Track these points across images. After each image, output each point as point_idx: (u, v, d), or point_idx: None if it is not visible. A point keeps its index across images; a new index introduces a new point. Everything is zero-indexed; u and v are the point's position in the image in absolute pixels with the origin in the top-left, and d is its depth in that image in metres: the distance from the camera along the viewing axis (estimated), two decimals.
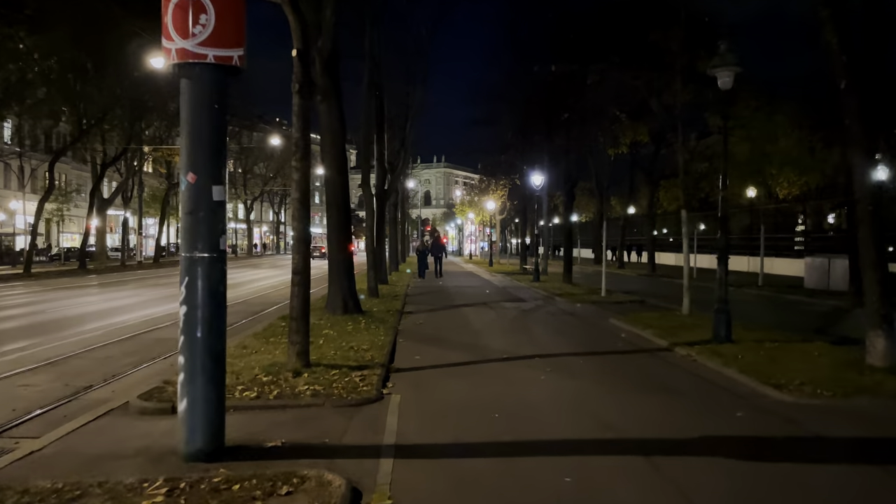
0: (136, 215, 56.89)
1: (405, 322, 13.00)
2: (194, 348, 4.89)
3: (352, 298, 13.29)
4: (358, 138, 24.99)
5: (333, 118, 12.99)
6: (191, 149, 4.79)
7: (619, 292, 19.95)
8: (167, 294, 20.38)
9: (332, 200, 13.26)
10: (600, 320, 13.45)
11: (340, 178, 13.14)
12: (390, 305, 15.66)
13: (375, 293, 18.00)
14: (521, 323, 13.22)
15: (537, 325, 12.82)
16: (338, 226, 13.24)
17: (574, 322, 13.37)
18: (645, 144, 35.68)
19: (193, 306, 4.86)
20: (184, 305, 4.89)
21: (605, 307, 16.15)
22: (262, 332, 11.12)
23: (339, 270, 13.20)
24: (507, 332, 11.84)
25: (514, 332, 11.74)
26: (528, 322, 13.35)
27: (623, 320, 12.72)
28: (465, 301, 17.60)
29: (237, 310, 15.68)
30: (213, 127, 4.83)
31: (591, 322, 13.25)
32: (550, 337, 11.23)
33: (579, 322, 13.37)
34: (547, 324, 13.06)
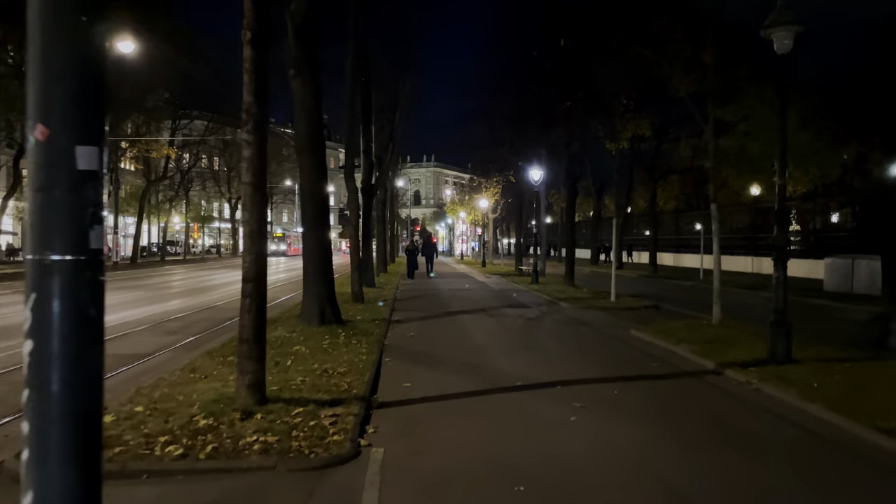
0: (121, 215, 54.88)
1: (393, 334, 11.14)
2: (46, 410, 2.97)
3: (330, 306, 11.41)
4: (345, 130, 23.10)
5: (308, 94, 11.11)
6: (40, 83, 2.86)
7: (626, 296, 18.17)
8: (130, 299, 18.42)
9: (306, 188, 11.37)
10: (619, 331, 11.62)
11: (316, 162, 11.25)
12: (377, 313, 13.79)
13: (360, 298, 16.13)
14: (528, 335, 11.39)
15: (549, 338, 10.98)
16: (313, 218, 11.36)
17: (590, 334, 11.54)
18: (645, 140, 34.01)
19: (44, 340, 2.95)
20: (29, 340, 2.98)
21: (618, 314, 14.36)
22: (221, 349, 9.25)
23: (315, 272, 11.31)
24: (516, 347, 9.99)
25: (523, 348, 9.89)
26: (536, 333, 11.52)
27: (647, 332, 10.91)
28: (460, 307, 15.75)
29: (202, 317, 13.76)
30: (78, 50, 2.92)
31: (610, 334, 11.42)
32: (568, 354, 9.40)
33: (596, 334, 11.54)
34: (559, 336, 11.23)
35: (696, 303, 17.51)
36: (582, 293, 19.18)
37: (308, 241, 11.36)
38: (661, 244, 44.58)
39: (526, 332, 11.73)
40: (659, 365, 8.42)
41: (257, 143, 5.93)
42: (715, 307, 11.86)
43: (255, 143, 5.92)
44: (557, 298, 17.47)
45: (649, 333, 10.74)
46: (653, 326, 11.49)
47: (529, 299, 17.97)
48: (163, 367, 8.56)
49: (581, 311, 14.98)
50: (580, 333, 11.46)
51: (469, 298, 18.31)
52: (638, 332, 11.06)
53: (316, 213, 11.35)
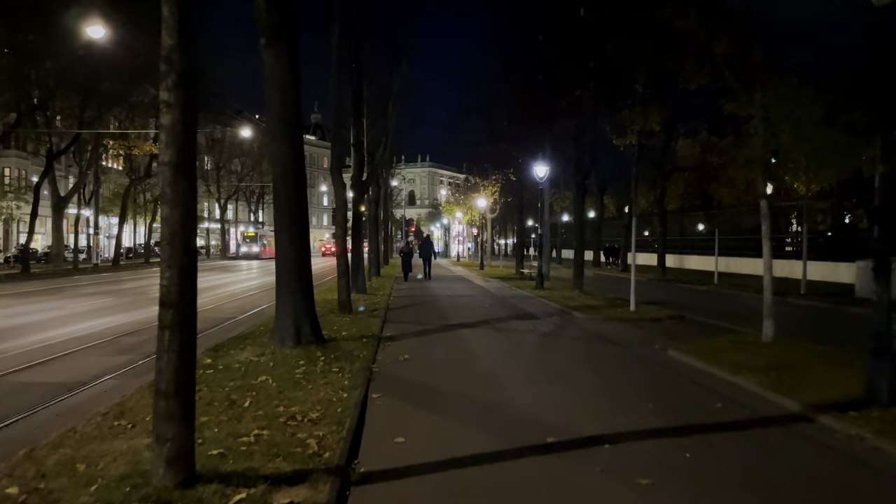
0: (104, 214, 52.81)
1: (384, 356, 9.26)
2: None
3: (309, 322, 9.51)
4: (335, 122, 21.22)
5: (282, 69, 9.23)
6: None
7: (643, 303, 16.30)
8: (96, 307, 16.52)
9: (280, 181, 9.46)
10: (654, 352, 9.75)
11: (291, 152, 9.35)
12: (365, 327, 11.90)
13: (348, 308, 14.25)
14: (547, 357, 9.49)
15: (573, 363, 9.07)
16: (288, 218, 9.46)
17: (620, 356, 9.64)
18: (653, 135, 32.25)
19: None
20: None
21: (643, 327, 12.53)
22: None
23: (290, 282, 9.42)
24: (536, 376, 8.08)
25: (546, 378, 7.99)
26: (556, 355, 9.62)
27: (691, 354, 9.04)
28: (461, 318, 13.88)
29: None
30: None
31: (644, 355, 9.54)
32: (603, 387, 7.50)
33: (627, 355, 9.65)
34: (585, 359, 9.32)
35: (724, 312, 15.72)
36: (594, 300, 17.33)
37: (282, 246, 9.45)
38: (666, 245, 42.83)
39: (543, 352, 9.85)
40: (724, 405, 6.55)
41: (181, 105, 4.05)
42: (766, 322, 10.00)
43: (179, 105, 4.04)
44: (569, 307, 15.61)
45: (694, 356, 8.88)
46: (693, 346, 9.63)
47: (537, 308, 16.10)
48: (96, 402, 6.78)
49: (600, 323, 13.12)
50: (608, 355, 9.58)
51: (470, 307, 16.43)
52: (679, 354, 9.20)
53: (292, 212, 9.45)
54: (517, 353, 9.63)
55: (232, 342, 10.12)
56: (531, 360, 9.11)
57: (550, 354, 9.55)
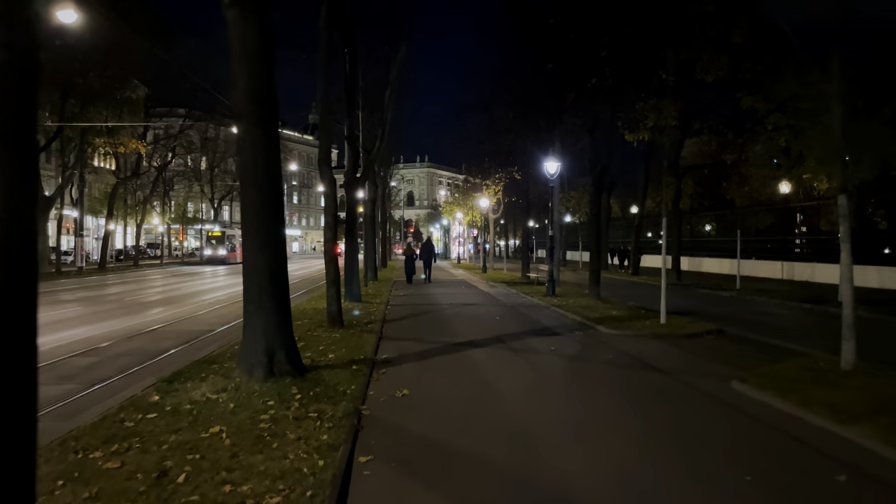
0: (92, 215, 50.90)
1: (378, 390, 7.39)
2: None
3: (283, 346, 7.63)
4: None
5: (251, 34, 7.37)
6: None
7: (671, 313, 14.41)
8: (61, 318, 14.72)
9: (248, 171, 7.58)
10: (712, 383, 7.86)
11: (262, 136, 7.46)
12: (357, 346, 10.05)
13: (338, 321, 12.40)
14: (583, 395, 7.50)
15: (618, 404, 7.04)
16: (259, 215, 7.57)
17: (673, 390, 7.69)
18: (665, 131, 30.40)
19: None
20: None
21: (683, 347, 10.67)
22: (92, 430, 5.57)
23: (260, 294, 7.53)
24: (577, 429, 6.08)
25: (589, 431, 6.01)
26: (594, 392, 7.65)
27: (763, 389, 7.16)
28: (469, 333, 12.01)
29: (131, 348, 10.02)
30: None
31: (702, 390, 7.62)
32: (672, 446, 5.55)
33: (681, 390, 7.70)
34: (631, 397, 7.33)
35: (765, 325, 13.91)
36: (615, 310, 15.48)
37: (250, 251, 7.57)
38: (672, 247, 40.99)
39: (577, 385, 7.93)
40: (848, 478, 4.70)
41: None
42: (846, 345, 8.11)
43: None
44: (590, 319, 13.75)
45: (770, 392, 7.00)
46: (761, 376, 7.77)
47: (554, 320, 14.23)
48: None
49: (631, 340, 11.25)
50: (658, 389, 7.67)
51: (478, 318, 14.56)
52: (748, 389, 7.33)
53: (263, 210, 7.57)
54: (545, 388, 7.73)
55: (193, 369, 8.30)
56: (565, 399, 7.21)
57: (587, 389, 7.65)
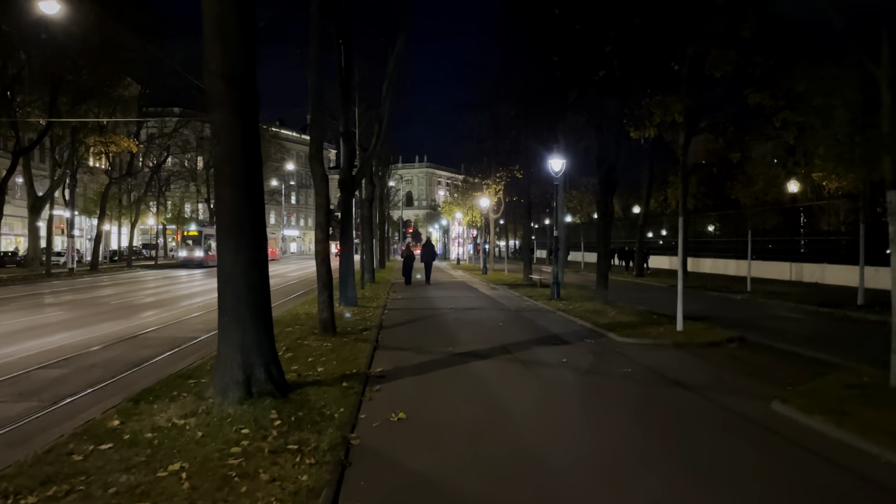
0: (87, 215, 49.95)
1: (370, 412, 6.47)
2: None
3: (263, 362, 6.70)
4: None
5: (227, 8, 6.47)
6: None
7: (686, 319, 13.52)
8: (39, 323, 13.84)
9: (224, 164, 6.66)
10: (749, 403, 6.93)
11: (239, 123, 6.53)
12: (350, 357, 9.15)
13: (331, 328, 11.51)
14: (603, 418, 6.51)
15: (646, 430, 6.05)
16: (235, 215, 6.67)
17: (705, 412, 6.74)
18: (671, 128, 29.52)
19: None
20: None
21: (705, 357, 9.76)
22: (30, 468, 4.67)
23: (237, 303, 6.60)
24: (604, 466, 5.14)
25: (617, 468, 5.12)
26: (615, 414, 6.69)
27: (810, 412, 6.25)
28: (472, 342, 11.10)
29: (108, 357, 9.20)
30: None
31: (738, 411, 6.68)
32: (722, 494, 4.70)
33: (714, 412, 6.75)
34: (659, 422, 6.34)
35: (787, 332, 13.06)
36: (625, 315, 14.59)
37: (226, 255, 6.66)
38: (669, 248, 40.15)
39: (595, 406, 6.98)
40: None
41: None
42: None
43: None
44: (600, 325, 12.85)
45: (820, 416, 6.08)
46: (804, 395, 6.87)
47: (562, 327, 13.32)
48: None
49: (648, 351, 10.34)
50: (688, 411, 6.74)
51: (480, 325, 13.66)
52: (792, 411, 6.41)
53: (241, 209, 6.66)
54: (561, 409, 6.80)
55: (166, 385, 7.41)
56: (585, 424, 6.26)
57: (609, 412, 6.71)
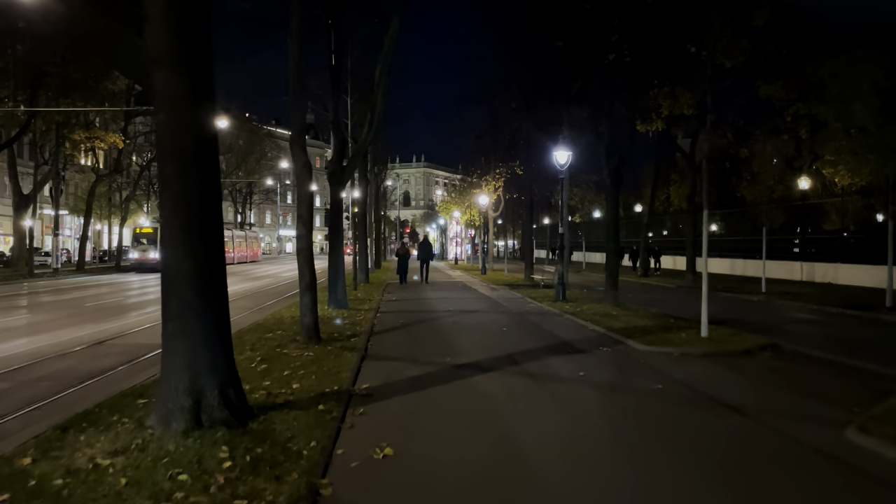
0: (76, 214, 48.59)
1: (349, 445, 5.17)
2: None
3: (217, 380, 5.37)
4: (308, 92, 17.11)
5: None
6: None
7: (713, 324, 12.22)
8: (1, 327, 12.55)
9: (168, 138, 5.37)
10: (816, 431, 5.65)
11: (188, 88, 5.24)
12: (332, 370, 7.86)
13: (314, 335, 10.23)
14: (642, 455, 5.10)
15: (701, 475, 4.67)
16: (183, 200, 5.37)
17: (765, 444, 5.42)
18: (680, 121, 28.34)
19: None
20: None
21: (741, 370, 8.49)
22: None
23: (184, 312, 5.29)
24: None
25: None
26: (654, 447, 5.31)
27: None
28: (473, 350, 9.82)
29: (52, 371, 7.76)
30: None
31: (814, 447, 5.32)
32: None
33: (776, 443, 5.42)
34: (716, 461, 4.90)
35: (821, 338, 11.85)
36: (640, 318, 13.33)
37: (172, 252, 5.35)
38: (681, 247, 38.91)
39: (627, 436, 5.65)
40: None
41: None
42: None
43: None
44: (614, 330, 11.58)
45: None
46: (878, 419, 5.60)
47: (572, 332, 12.03)
48: None
49: (675, 361, 9.04)
50: (745, 443, 5.42)
51: (482, 329, 12.38)
52: (878, 445, 5.13)
53: (190, 193, 5.37)
54: (587, 442, 5.46)
55: (107, 408, 6.15)
56: (619, 463, 4.92)
57: (647, 444, 5.37)
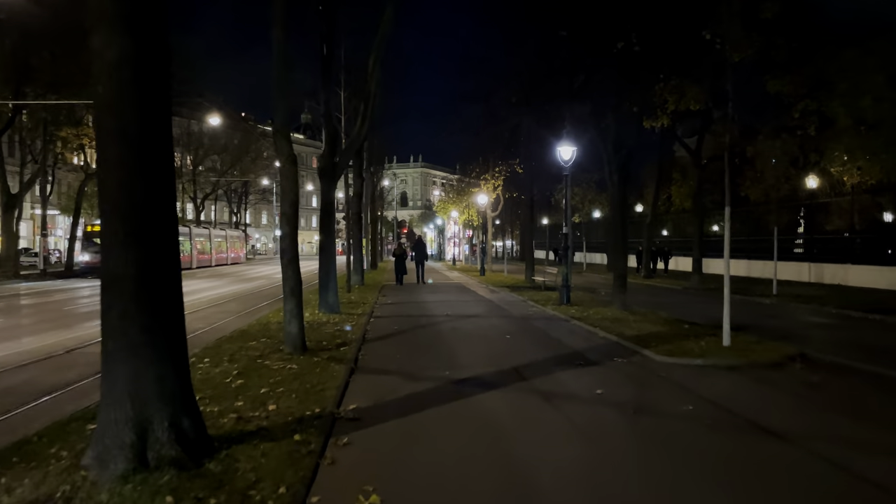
0: (67, 215, 47.47)
1: (327, 492, 4.18)
2: None
3: (168, 409, 4.40)
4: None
5: None
6: None
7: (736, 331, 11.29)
8: None
9: (108, 112, 4.39)
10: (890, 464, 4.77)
11: (133, 49, 4.30)
12: (314, 390, 6.89)
13: (300, 344, 9.30)
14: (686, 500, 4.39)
15: None
16: (125, 186, 4.40)
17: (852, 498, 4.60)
18: (686, 118, 27.46)
19: None
20: None
21: (777, 385, 7.56)
22: None
23: (122, 323, 4.33)
24: None
25: None
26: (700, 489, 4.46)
27: None
28: (475, 362, 8.87)
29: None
30: None
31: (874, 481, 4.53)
32: None
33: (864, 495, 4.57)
34: None
35: (851, 345, 10.94)
36: (652, 324, 12.40)
37: (111, 251, 4.39)
38: (685, 247, 38.02)
39: (662, 473, 4.70)
40: None
41: None
42: None
43: None
44: (626, 338, 10.64)
45: None
46: None
47: (582, 340, 11.08)
48: None
49: (701, 375, 8.09)
50: (812, 489, 4.49)
51: (483, 337, 11.43)
52: None
53: (134, 178, 4.41)
54: (613, 483, 4.51)
55: (48, 436, 5.23)
56: None
57: (690, 486, 4.45)
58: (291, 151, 9.42)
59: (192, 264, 41.39)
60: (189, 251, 41.21)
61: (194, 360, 8.86)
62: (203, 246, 45.49)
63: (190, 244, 41.47)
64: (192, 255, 41.75)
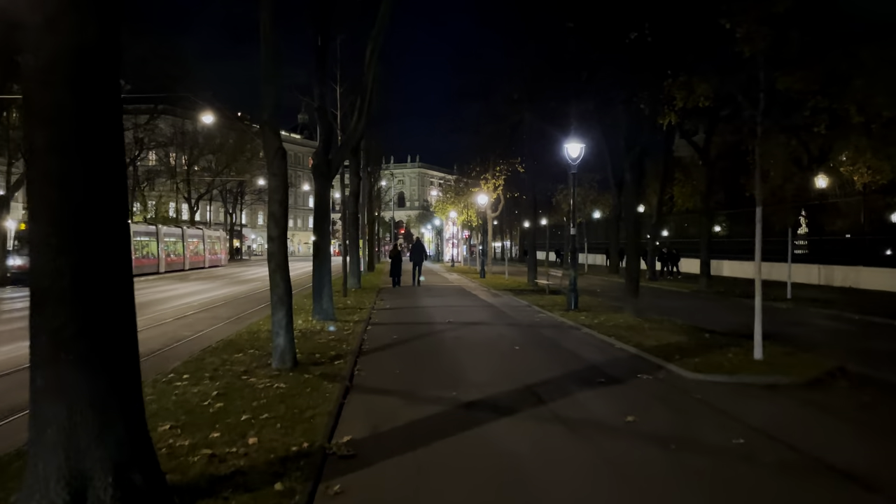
0: None
1: None
2: None
3: (112, 462, 3.49)
4: None
5: None
6: None
7: (744, 336, 10.46)
8: None
9: (41, 94, 3.52)
10: None
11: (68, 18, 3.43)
12: (303, 417, 5.99)
13: (290, 358, 8.40)
14: None
15: None
16: (59, 183, 3.50)
17: None
18: (694, 115, 26.66)
19: None
20: None
21: (829, 410, 6.69)
22: None
23: (54, 347, 3.39)
24: None
25: None
26: None
27: None
28: (484, 380, 7.97)
29: None
30: None
31: None
32: None
33: None
34: None
35: (887, 356, 10.07)
36: (669, 333, 11.53)
37: (42, 258, 3.49)
38: (688, 249, 37.20)
39: None
40: None
41: None
42: None
43: None
44: (646, 350, 9.76)
45: None
46: None
47: (598, 351, 10.19)
48: None
49: (738, 396, 7.19)
50: None
51: (490, 348, 10.53)
52: None
53: (70, 174, 3.51)
54: None
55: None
56: None
57: None
58: (280, 145, 8.50)
59: (159, 268, 37.36)
60: (156, 253, 37.34)
61: (173, 375, 7.97)
62: (174, 248, 40.69)
63: (157, 246, 37.51)
64: (159, 258, 37.57)
